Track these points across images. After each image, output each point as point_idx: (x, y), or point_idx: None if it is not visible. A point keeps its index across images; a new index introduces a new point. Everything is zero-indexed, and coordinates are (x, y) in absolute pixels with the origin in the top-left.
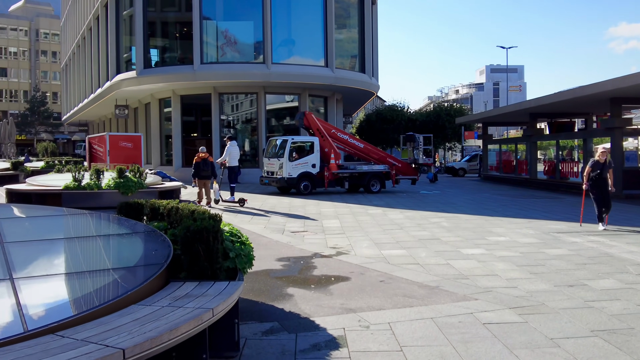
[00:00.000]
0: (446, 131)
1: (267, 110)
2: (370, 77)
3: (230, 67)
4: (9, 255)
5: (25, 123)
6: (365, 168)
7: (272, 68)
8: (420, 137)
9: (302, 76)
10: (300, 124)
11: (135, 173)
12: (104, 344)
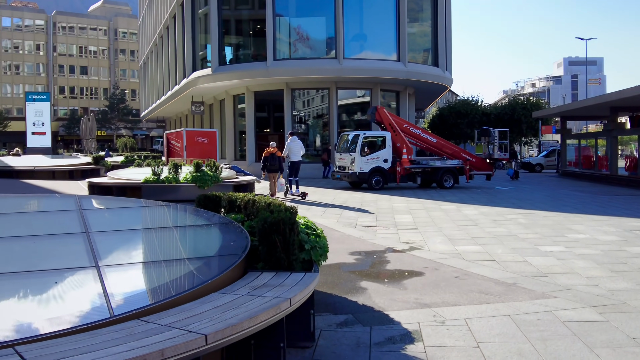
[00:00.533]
0: (521, 125)
1: (339, 105)
2: (444, 70)
3: (302, 63)
4: (94, 244)
5: (105, 119)
6: (438, 163)
7: (344, 63)
8: (496, 132)
9: (374, 71)
10: (372, 119)
11: (211, 167)
12: (187, 330)
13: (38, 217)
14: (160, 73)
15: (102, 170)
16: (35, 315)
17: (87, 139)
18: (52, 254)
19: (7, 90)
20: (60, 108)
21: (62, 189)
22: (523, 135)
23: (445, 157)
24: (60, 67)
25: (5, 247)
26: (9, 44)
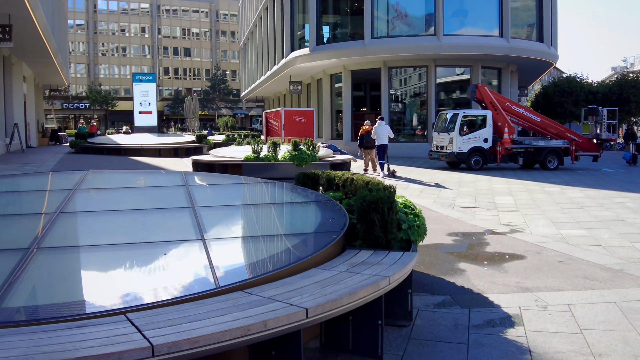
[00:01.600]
0: (630, 105)
1: (437, 83)
2: (549, 46)
3: (400, 41)
4: (199, 218)
5: (207, 99)
6: (541, 143)
7: (444, 40)
8: (604, 111)
9: (475, 47)
10: (473, 97)
11: (308, 146)
12: (289, 303)
13: (148, 192)
14: (259, 54)
15: (205, 148)
16: (145, 284)
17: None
18: (161, 227)
19: (114, 72)
20: (165, 88)
21: (168, 165)
22: (632, 115)
23: (549, 137)
24: (164, 49)
25: (118, 220)
26: (115, 27)
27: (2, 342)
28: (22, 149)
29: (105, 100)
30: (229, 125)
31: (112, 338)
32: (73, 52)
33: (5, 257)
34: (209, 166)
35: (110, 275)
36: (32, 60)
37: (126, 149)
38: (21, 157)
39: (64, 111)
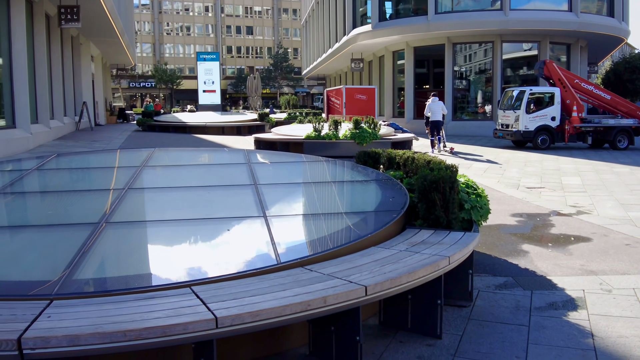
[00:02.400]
0: None
1: (503, 59)
2: (620, 21)
3: (465, 16)
4: (262, 195)
5: (269, 78)
6: (611, 122)
7: (510, 15)
8: None
9: (543, 22)
10: (540, 74)
11: (370, 124)
12: (348, 280)
13: (212, 170)
14: (321, 31)
15: (267, 126)
16: (209, 259)
17: (253, 96)
18: (224, 203)
19: (179, 51)
20: (228, 67)
21: (231, 143)
22: None
23: (620, 116)
24: (227, 28)
25: (184, 196)
26: (180, 7)
27: (73, 312)
28: (91, 126)
29: (170, 79)
30: (291, 103)
31: (177, 310)
32: (139, 32)
33: (76, 231)
34: (270, 144)
35: (176, 249)
36: (99, 40)
37: (191, 127)
38: (90, 134)
39: (130, 90)
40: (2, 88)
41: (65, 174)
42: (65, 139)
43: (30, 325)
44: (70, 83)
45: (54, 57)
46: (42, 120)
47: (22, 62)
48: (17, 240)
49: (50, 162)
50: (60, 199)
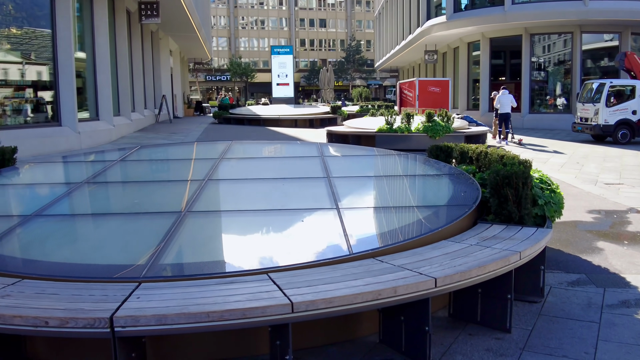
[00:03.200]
0: None
1: (583, 51)
2: None
3: (543, 6)
4: (334, 188)
5: (341, 70)
6: None
7: (590, 4)
8: None
9: (624, 12)
10: (621, 66)
11: (443, 117)
12: (418, 272)
13: (286, 162)
14: (394, 23)
15: (339, 119)
16: (284, 247)
17: (325, 89)
18: (298, 195)
19: (253, 44)
20: (301, 60)
21: (304, 136)
22: None
23: None
24: (301, 21)
25: (260, 187)
26: (254, 1)
27: (160, 294)
28: (169, 119)
29: (245, 72)
30: (363, 96)
31: (256, 294)
32: (215, 26)
33: (160, 220)
34: (342, 137)
35: (253, 237)
36: (177, 35)
37: (265, 119)
38: (169, 126)
39: (207, 83)
40: (87, 82)
41: (149, 165)
42: (146, 131)
43: (121, 305)
44: (150, 77)
45: (135, 51)
46: (124, 112)
47: (105, 57)
48: (107, 227)
49: (134, 154)
50: (144, 188)
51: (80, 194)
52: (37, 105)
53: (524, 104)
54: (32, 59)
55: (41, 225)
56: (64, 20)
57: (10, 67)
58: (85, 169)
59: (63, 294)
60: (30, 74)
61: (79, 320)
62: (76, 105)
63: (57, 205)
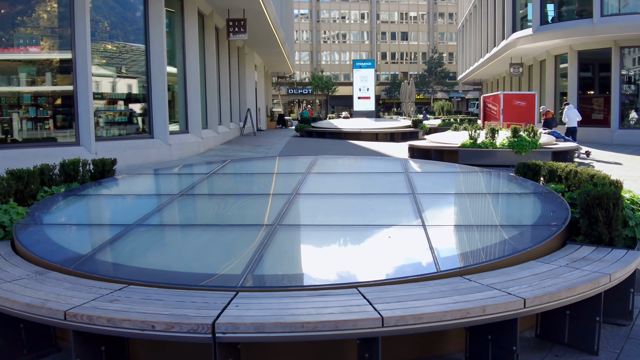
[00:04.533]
0: None
1: None
2: None
3: (633, 19)
4: (420, 204)
5: (423, 83)
6: None
7: None
8: None
9: None
10: None
11: (529, 132)
12: (507, 292)
13: (371, 178)
14: (478, 35)
15: (420, 133)
16: (373, 263)
17: (406, 102)
18: (385, 211)
19: (335, 58)
20: (382, 73)
21: (386, 150)
22: None
23: None
24: (382, 34)
25: (347, 202)
26: (337, 15)
27: (257, 303)
28: (253, 132)
29: (326, 86)
30: (445, 109)
31: (347, 307)
32: (297, 41)
33: (253, 231)
34: (424, 151)
35: (342, 251)
36: (262, 50)
37: (346, 132)
38: (253, 139)
39: (289, 96)
40: (177, 96)
41: (239, 178)
42: (231, 143)
43: (222, 313)
44: (236, 91)
45: (222, 66)
46: (211, 125)
47: (194, 72)
48: (204, 237)
49: (225, 167)
50: (237, 201)
51: (177, 205)
52: (131, 118)
53: (613, 119)
54: (125, 73)
55: (143, 234)
56: (156, 37)
57: (105, 81)
58: (180, 181)
59: (167, 300)
60: (124, 87)
61: (183, 326)
62: (167, 118)
63: (156, 216)
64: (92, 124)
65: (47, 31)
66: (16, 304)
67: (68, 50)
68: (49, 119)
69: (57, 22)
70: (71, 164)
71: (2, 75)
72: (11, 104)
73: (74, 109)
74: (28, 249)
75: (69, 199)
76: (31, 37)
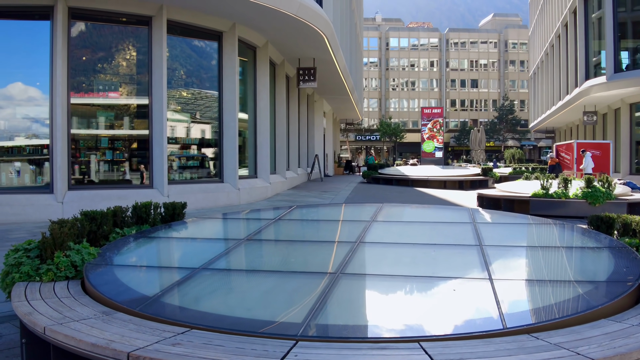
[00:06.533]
0: None
1: None
2: None
3: None
4: (487, 257)
5: (493, 130)
6: None
7: None
8: None
9: None
10: None
11: (603, 183)
12: (575, 352)
13: (437, 228)
14: (550, 82)
15: (490, 181)
16: (435, 316)
17: (476, 149)
18: (449, 262)
19: (403, 105)
20: (451, 120)
21: (454, 199)
22: None
23: None
24: (451, 82)
25: (411, 252)
26: (405, 62)
27: (316, 354)
28: (321, 177)
29: (394, 133)
30: (516, 157)
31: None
32: (366, 88)
33: (315, 279)
34: (494, 201)
35: (404, 303)
36: (331, 98)
37: (413, 180)
38: (320, 185)
39: (356, 142)
40: (247, 141)
41: (304, 224)
42: (298, 188)
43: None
44: (304, 137)
45: (292, 113)
46: (279, 171)
47: (265, 119)
48: (266, 283)
49: (291, 213)
50: (300, 248)
51: (243, 249)
52: (202, 162)
53: None
54: (198, 119)
55: (208, 278)
56: (229, 84)
57: (179, 126)
58: (246, 226)
59: (228, 346)
60: (196, 132)
61: None
62: (237, 163)
63: (221, 260)
64: (166, 167)
65: (125, 78)
66: (82, 344)
67: (145, 96)
68: (124, 161)
69: (136, 70)
70: (143, 206)
71: (82, 119)
72: (89, 146)
73: (148, 152)
74: (97, 289)
75: (139, 240)
76: (110, 83)
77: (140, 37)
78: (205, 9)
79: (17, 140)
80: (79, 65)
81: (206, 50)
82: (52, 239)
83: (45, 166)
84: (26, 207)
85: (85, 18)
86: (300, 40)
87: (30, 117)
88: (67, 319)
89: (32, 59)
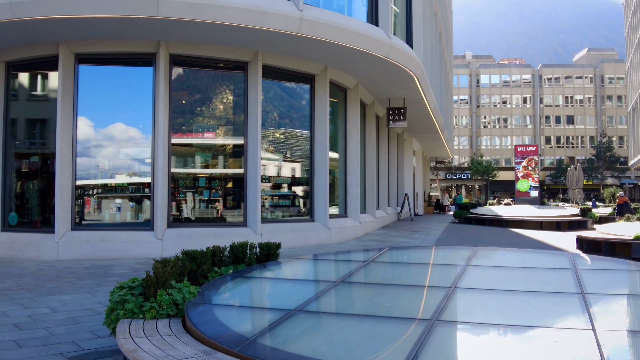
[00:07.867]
0: None
1: None
2: None
3: None
4: (589, 306)
5: (591, 168)
6: None
7: None
8: None
9: None
10: None
11: None
12: None
13: (536, 273)
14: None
15: (589, 222)
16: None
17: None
18: (549, 311)
19: (495, 142)
20: (546, 158)
21: (551, 241)
22: None
23: None
24: (546, 118)
25: (509, 300)
26: (497, 99)
27: None
28: (410, 216)
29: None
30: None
31: None
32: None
33: (409, 325)
34: (594, 243)
35: (502, 354)
36: (421, 136)
37: (507, 220)
38: (410, 224)
39: (446, 181)
40: (337, 180)
41: (398, 267)
42: (388, 228)
43: None
44: (394, 176)
45: (381, 152)
46: (369, 210)
47: (355, 158)
48: (360, 328)
49: (382, 255)
50: (394, 291)
51: (335, 292)
52: (293, 201)
53: None
54: (290, 158)
55: (303, 321)
56: (320, 125)
57: (271, 165)
58: (338, 268)
59: None
60: (288, 171)
61: None
62: (328, 202)
63: (316, 302)
64: (259, 206)
65: (222, 119)
66: None
67: (240, 136)
68: (219, 200)
69: (232, 111)
70: (240, 246)
71: (180, 158)
72: (187, 185)
73: (243, 191)
74: (197, 328)
75: (237, 280)
76: (207, 125)
77: (235, 80)
78: (298, 53)
79: (117, 178)
80: (178, 107)
81: (297, 91)
82: (156, 277)
83: (145, 203)
84: (128, 243)
85: (185, 64)
86: (391, 80)
87: (130, 156)
88: (170, 357)
89: (133, 101)
